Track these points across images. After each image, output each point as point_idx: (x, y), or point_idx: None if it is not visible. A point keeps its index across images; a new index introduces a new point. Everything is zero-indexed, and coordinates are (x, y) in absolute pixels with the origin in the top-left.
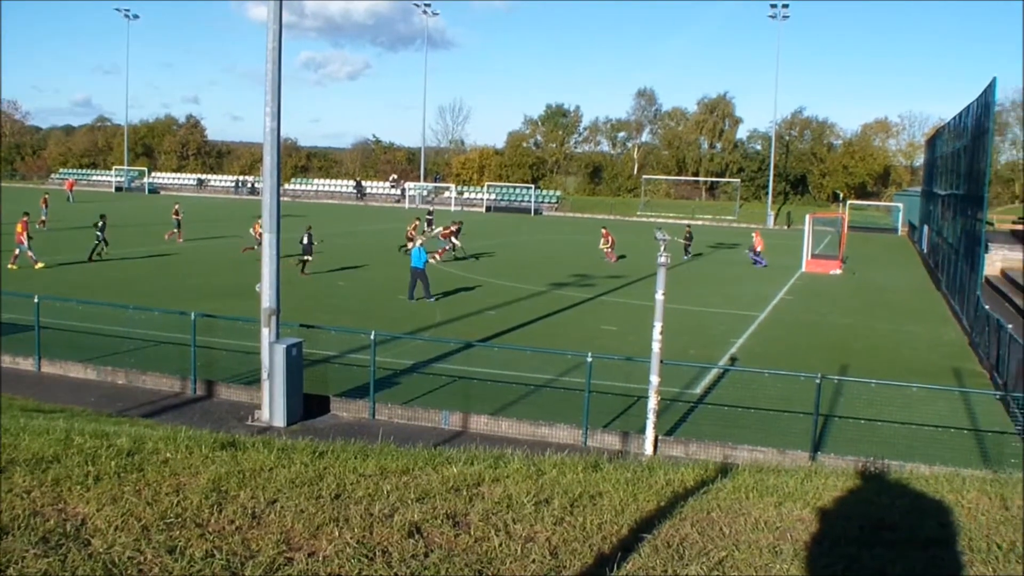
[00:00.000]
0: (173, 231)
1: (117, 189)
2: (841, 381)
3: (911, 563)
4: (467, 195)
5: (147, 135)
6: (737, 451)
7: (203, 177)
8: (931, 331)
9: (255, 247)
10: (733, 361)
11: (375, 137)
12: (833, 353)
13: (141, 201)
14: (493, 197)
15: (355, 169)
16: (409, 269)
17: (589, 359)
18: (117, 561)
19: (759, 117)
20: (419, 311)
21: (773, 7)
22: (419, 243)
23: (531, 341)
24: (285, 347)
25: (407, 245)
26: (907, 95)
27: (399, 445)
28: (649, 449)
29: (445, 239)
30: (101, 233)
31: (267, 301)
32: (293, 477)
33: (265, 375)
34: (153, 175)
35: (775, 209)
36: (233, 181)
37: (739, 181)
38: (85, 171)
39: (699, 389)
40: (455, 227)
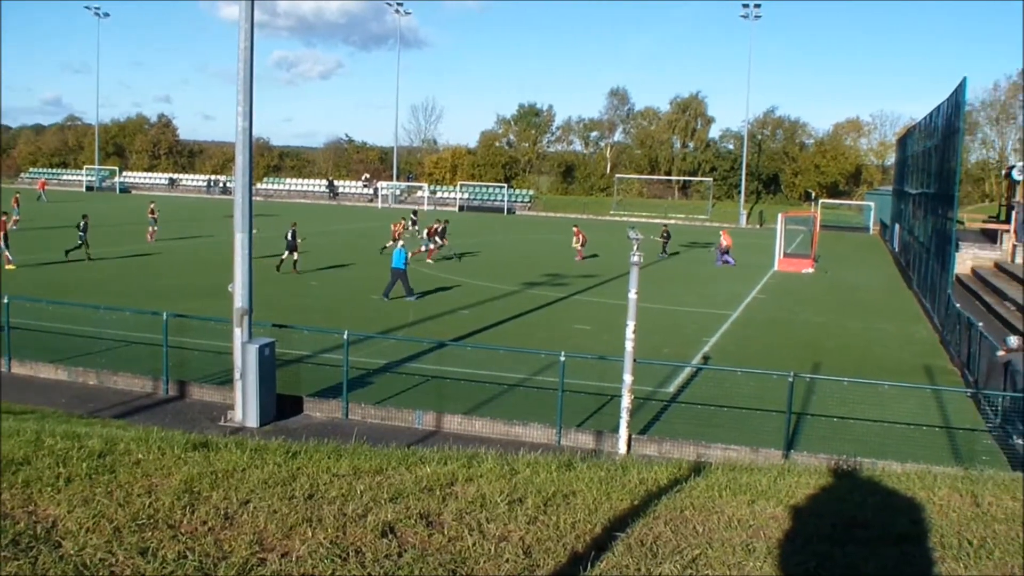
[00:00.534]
0: (152, 229)
1: (88, 188)
2: (813, 379)
3: (883, 560)
4: (440, 194)
5: (118, 134)
6: (710, 449)
7: (175, 177)
8: (902, 329)
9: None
10: (706, 360)
11: (347, 136)
12: (806, 351)
13: (113, 201)
14: (466, 196)
15: (327, 168)
16: (390, 269)
17: (562, 358)
18: (88, 563)
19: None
20: (392, 311)
21: (745, 7)
22: (400, 244)
23: (504, 340)
24: (258, 347)
25: (388, 245)
26: (878, 95)
27: (372, 445)
28: (623, 448)
29: (429, 238)
30: (84, 234)
31: (239, 301)
32: (266, 477)
33: (237, 375)
34: (124, 175)
35: (747, 208)
36: (205, 181)
37: (711, 180)
38: (55, 171)
39: (672, 388)
40: (438, 225)
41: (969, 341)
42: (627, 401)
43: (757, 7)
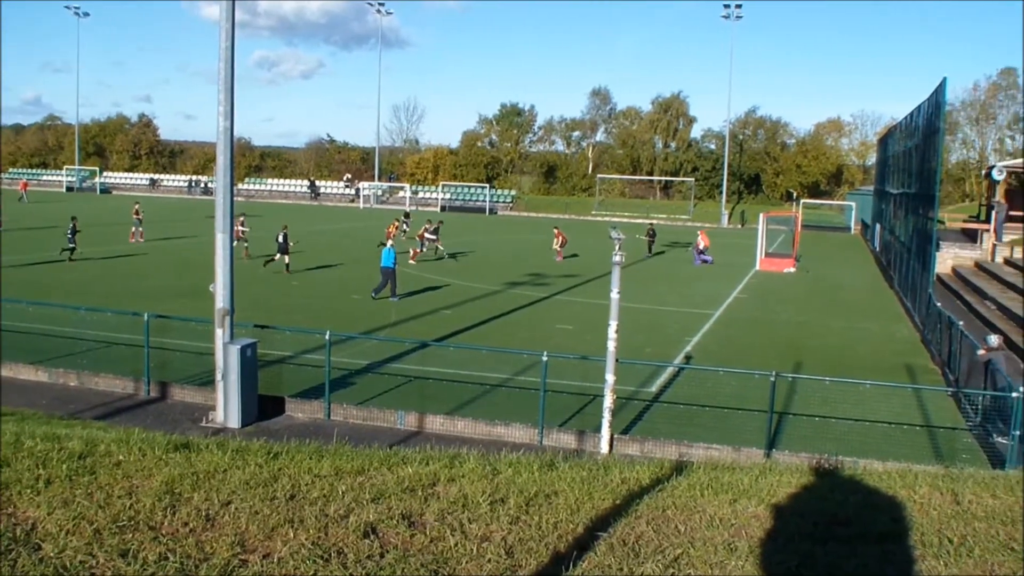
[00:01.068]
0: (135, 230)
1: (68, 189)
2: (795, 379)
3: (864, 558)
4: (422, 195)
5: (99, 134)
6: (692, 449)
7: (156, 177)
8: (884, 328)
9: (234, 244)
10: (688, 359)
11: (329, 136)
12: (787, 351)
13: (93, 201)
14: (448, 197)
15: (309, 169)
16: (380, 268)
17: (545, 358)
18: (68, 565)
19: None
20: (375, 311)
21: (727, 7)
22: (389, 243)
23: (487, 340)
24: (239, 348)
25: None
26: (859, 95)
27: (354, 445)
28: (605, 447)
29: (421, 240)
30: (72, 236)
31: (221, 301)
32: (247, 478)
33: (219, 376)
34: (105, 175)
35: (729, 208)
36: (186, 181)
37: (693, 180)
38: (35, 171)
39: (655, 387)
40: (429, 226)
41: (950, 340)
42: (609, 401)
43: (739, 7)
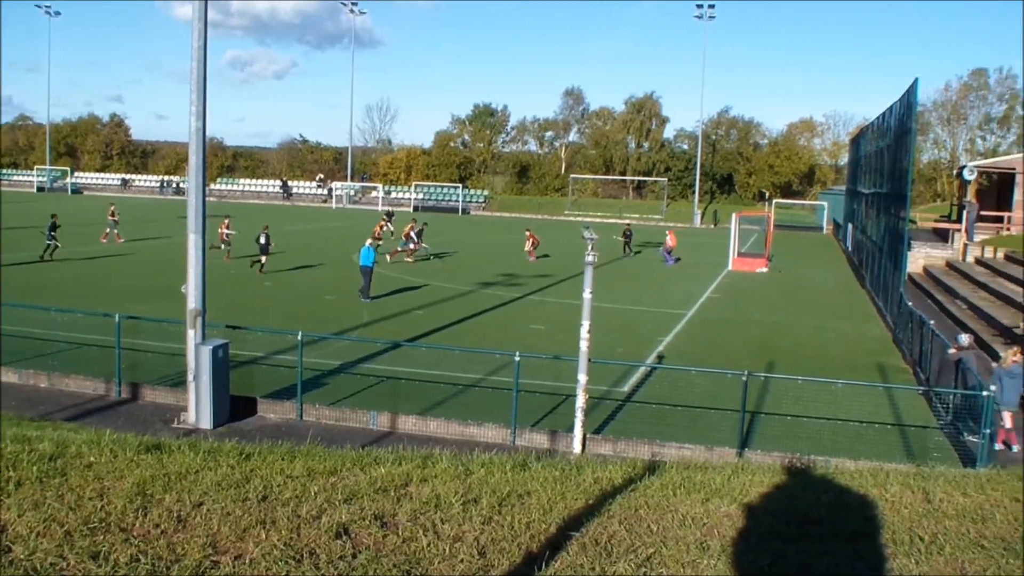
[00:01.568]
0: (108, 231)
1: (39, 189)
2: (767, 378)
3: (836, 557)
4: (394, 195)
5: (70, 134)
6: (665, 448)
7: (127, 177)
8: (856, 328)
9: (221, 247)
10: (661, 359)
11: (302, 136)
12: (760, 350)
13: (65, 201)
14: (420, 197)
15: (281, 169)
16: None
17: (517, 358)
18: (39, 568)
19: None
20: (347, 311)
21: (699, 7)
22: (369, 242)
23: (459, 341)
24: (211, 348)
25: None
26: (831, 95)
27: (327, 446)
28: (577, 447)
29: (406, 239)
30: (53, 233)
31: (192, 302)
32: (219, 480)
33: (191, 377)
34: (76, 175)
35: (702, 208)
36: (158, 181)
37: (666, 180)
38: (6, 171)
39: (627, 387)
40: (413, 226)
41: (921, 339)
42: (582, 401)
43: (711, 8)
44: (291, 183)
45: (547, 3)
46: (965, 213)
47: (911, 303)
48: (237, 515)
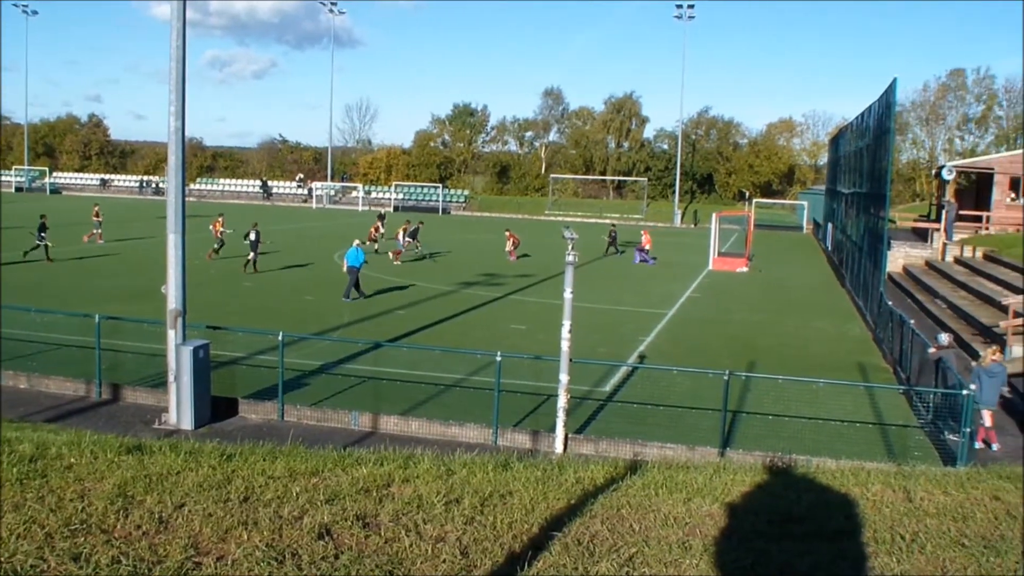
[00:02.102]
0: (92, 232)
1: (17, 189)
2: (749, 377)
3: (818, 555)
4: (375, 195)
5: (48, 134)
6: (647, 448)
7: (106, 177)
8: (836, 327)
9: (216, 249)
10: (642, 359)
11: (282, 136)
12: (741, 350)
13: (44, 202)
14: (401, 197)
15: (261, 169)
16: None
17: (498, 358)
18: (19, 569)
19: (666, 116)
20: (328, 312)
21: (679, 7)
22: (356, 243)
23: (440, 341)
24: (192, 349)
25: (375, 246)
26: (811, 95)
27: (308, 447)
28: (559, 447)
29: (404, 234)
30: (42, 234)
31: (173, 303)
32: (201, 481)
33: (171, 378)
34: (55, 175)
35: (682, 208)
36: (137, 181)
37: (646, 180)
38: None
39: (609, 387)
40: (408, 226)
41: (901, 338)
42: (563, 401)
43: (691, 7)
44: (271, 183)
45: (526, 3)
46: (944, 213)
47: (891, 302)
48: (219, 516)
